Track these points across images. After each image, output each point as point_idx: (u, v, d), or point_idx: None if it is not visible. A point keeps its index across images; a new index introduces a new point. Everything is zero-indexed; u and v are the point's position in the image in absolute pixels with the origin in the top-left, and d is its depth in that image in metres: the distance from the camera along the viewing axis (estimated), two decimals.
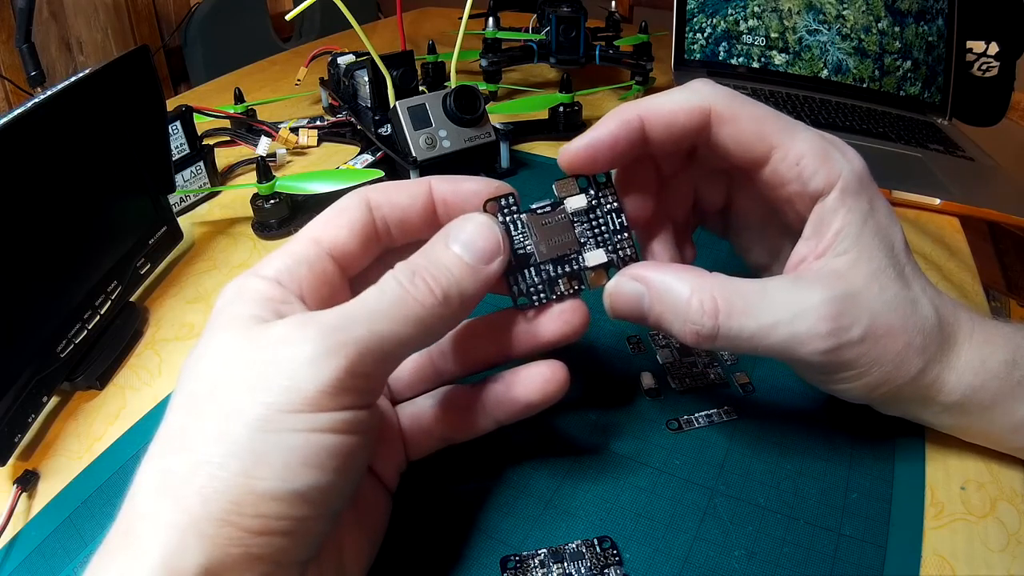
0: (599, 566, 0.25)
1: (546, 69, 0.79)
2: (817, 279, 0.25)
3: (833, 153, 0.26)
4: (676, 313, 0.25)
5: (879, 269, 0.25)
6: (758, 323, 0.24)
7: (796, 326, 0.24)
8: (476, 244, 0.23)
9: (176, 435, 0.19)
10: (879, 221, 0.26)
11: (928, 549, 0.26)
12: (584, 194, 0.27)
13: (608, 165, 0.27)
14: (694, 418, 0.31)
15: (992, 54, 0.69)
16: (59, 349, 0.33)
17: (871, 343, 0.24)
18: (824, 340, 0.24)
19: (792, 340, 0.24)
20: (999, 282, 0.95)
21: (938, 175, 0.58)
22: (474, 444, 0.30)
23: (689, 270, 0.26)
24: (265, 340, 0.20)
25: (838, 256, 0.25)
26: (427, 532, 0.27)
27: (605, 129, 0.26)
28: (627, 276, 0.26)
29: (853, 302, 0.24)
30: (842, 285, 0.25)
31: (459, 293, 0.23)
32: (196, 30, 1.40)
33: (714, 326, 0.24)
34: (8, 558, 0.27)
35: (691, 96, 0.26)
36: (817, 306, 0.24)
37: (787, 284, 0.25)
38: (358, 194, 0.25)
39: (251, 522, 0.18)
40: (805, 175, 0.25)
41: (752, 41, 0.74)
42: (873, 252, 0.25)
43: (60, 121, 0.33)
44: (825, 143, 0.26)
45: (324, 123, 0.63)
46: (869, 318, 0.24)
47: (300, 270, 0.23)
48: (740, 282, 0.25)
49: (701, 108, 0.26)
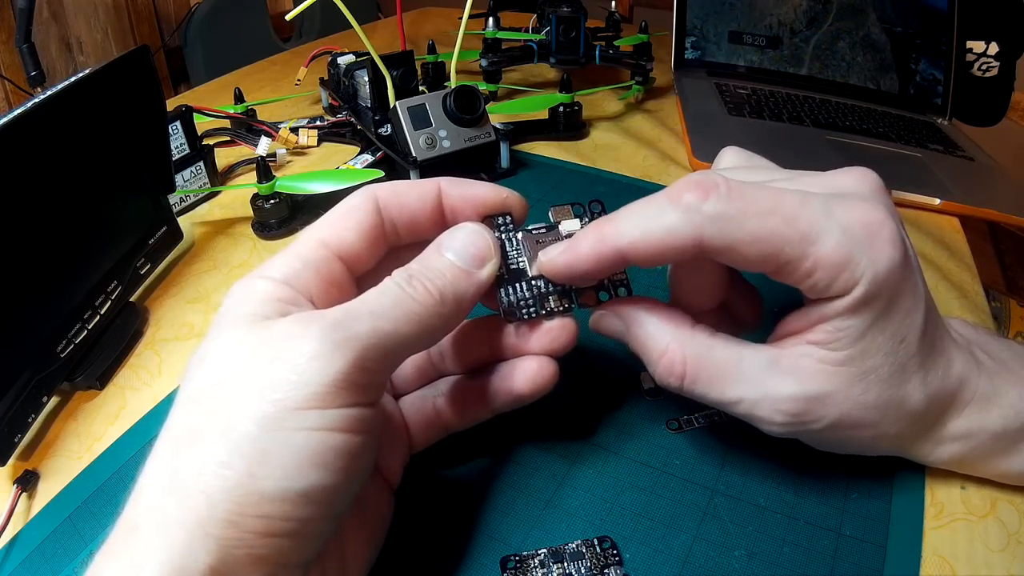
0: (599, 566, 0.25)
1: (546, 69, 0.79)
2: (794, 369, 0.24)
3: (856, 257, 0.22)
4: (648, 360, 0.26)
5: (869, 370, 0.23)
6: (721, 395, 0.25)
7: (756, 408, 0.24)
8: (468, 250, 0.24)
9: (182, 433, 0.19)
10: (894, 318, 0.23)
11: (928, 549, 0.26)
12: (579, 219, 0.28)
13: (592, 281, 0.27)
14: (694, 418, 0.31)
15: (992, 54, 0.69)
16: (59, 349, 0.33)
17: (835, 431, 0.24)
18: (778, 428, 0.25)
19: (751, 417, 0.25)
20: (999, 282, 0.96)
21: (938, 175, 0.58)
22: (474, 444, 0.30)
23: (673, 321, 0.25)
24: (271, 337, 0.20)
25: (829, 351, 0.24)
26: (427, 532, 0.27)
27: (580, 262, 0.24)
28: (612, 311, 0.26)
29: (822, 402, 0.24)
30: (817, 384, 0.24)
31: (454, 294, 0.23)
32: (196, 30, 1.40)
33: (679, 387, 0.25)
34: (8, 558, 0.27)
35: (678, 226, 0.22)
36: (782, 399, 0.24)
37: (763, 365, 0.24)
38: (366, 193, 0.25)
39: (256, 523, 0.18)
40: (818, 287, 0.23)
41: (752, 41, 0.74)
42: (868, 355, 0.23)
43: (60, 121, 0.33)
44: (849, 249, 0.22)
45: (324, 123, 0.63)
46: (837, 415, 0.24)
47: (307, 272, 0.23)
48: (717, 349, 0.25)
49: (692, 244, 0.22)
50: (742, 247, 0.22)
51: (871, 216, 0.22)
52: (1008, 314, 0.90)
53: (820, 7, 0.72)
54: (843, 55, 0.73)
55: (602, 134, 0.64)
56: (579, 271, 0.25)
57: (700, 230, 0.22)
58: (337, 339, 0.20)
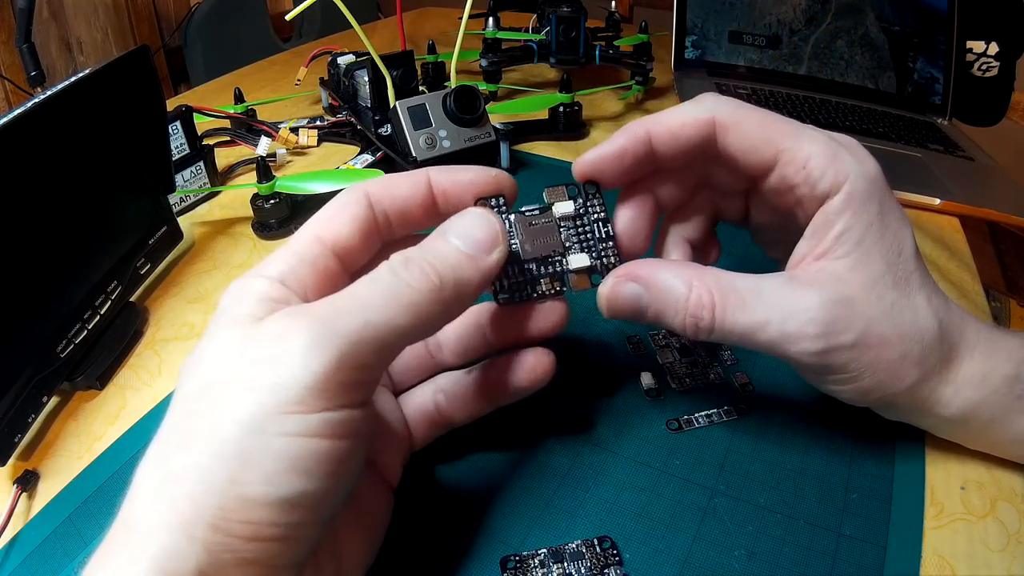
0: (599, 566, 0.25)
1: (546, 69, 0.79)
2: (812, 281, 0.25)
3: (842, 154, 0.25)
4: (676, 309, 0.25)
5: (878, 276, 0.25)
6: (750, 319, 0.25)
7: (787, 326, 0.24)
8: (474, 235, 0.23)
9: (171, 435, 0.19)
10: (887, 225, 0.25)
11: (928, 549, 0.26)
12: (572, 201, 0.28)
13: (616, 175, 0.28)
14: (694, 418, 0.31)
15: (992, 54, 0.69)
16: (59, 349, 0.33)
17: (863, 349, 0.24)
18: (813, 342, 0.24)
19: (782, 339, 0.25)
20: (999, 282, 0.95)
21: (938, 175, 0.58)
22: (475, 444, 0.30)
23: (684, 266, 0.26)
24: (257, 337, 0.20)
25: (837, 259, 0.25)
26: (427, 531, 0.27)
27: (613, 143, 0.27)
28: (623, 277, 0.26)
29: (846, 308, 0.24)
30: (837, 289, 0.24)
31: (455, 280, 0.22)
32: (196, 30, 1.40)
33: (711, 319, 0.25)
34: (8, 558, 0.27)
35: (696, 108, 0.27)
36: (808, 308, 0.24)
37: (781, 284, 0.25)
38: (357, 189, 0.25)
39: (240, 528, 0.18)
40: (812, 177, 0.25)
41: (752, 41, 0.74)
42: (874, 258, 0.25)
43: (60, 121, 0.33)
44: (834, 144, 0.26)
45: (324, 123, 0.63)
46: (863, 325, 0.24)
47: (303, 269, 0.23)
48: (735, 277, 0.25)
49: (706, 119, 0.26)
50: (747, 126, 0.26)
51: (847, 137, 0.27)
52: (1008, 314, 0.90)
53: (819, 6, 0.72)
54: (842, 54, 0.73)
55: (602, 134, 0.64)
56: (610, 156, 0.27)
57: (715, 108, 0.26)
58: (320, 337, 0.19)
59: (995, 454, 0.29)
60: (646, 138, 0.27)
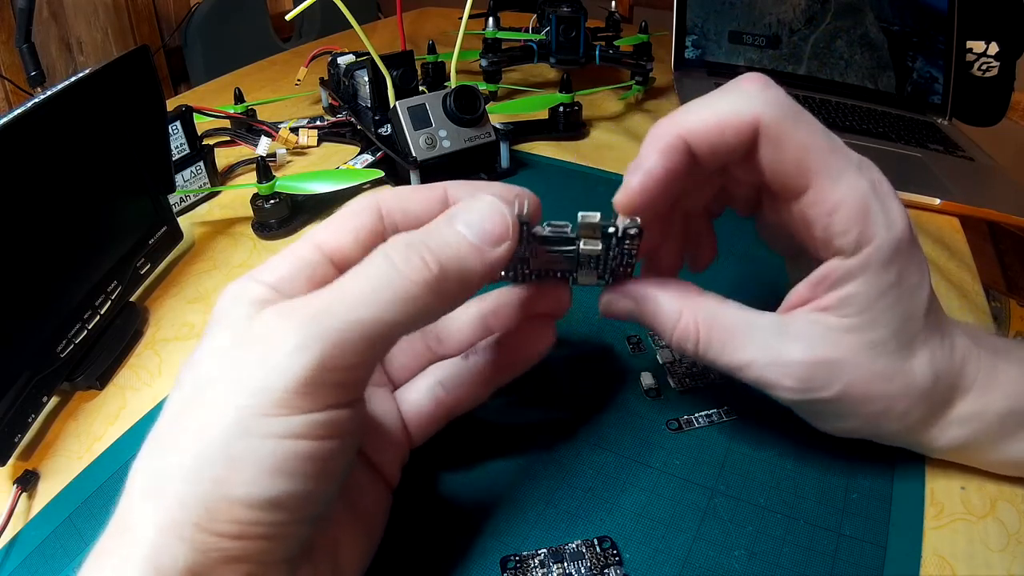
0: (599, 566, 0.25)
1: (546, 69, 0.79)
2: (800, 335, 0.24)
3: (874, 213, 0.23)
4: (663, 332, 0.26)
5: (878, 341, 0.24)
6: (732, 359, 0.25)
7: (766, 372, 0.25)
8: (483, 225, 0.22)
9: (162, 436, 0.20)
10: (902, 291, 0.24)
11: (928, 549, 0.26)
12: (602, 242, 0.25)
13: (666, 200, 0.25)
14: (694, 418, 0.31)
15: (992, 54, 0.69)
16: (59, 349, 0.33)
17: (844, 402, 0.25)
18: (788, 392, 0.25)
19: (762, 382, 0.25)
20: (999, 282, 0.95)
21: (938, 175, 0.58)
22: (475, 444, 0.30)
23: (682, 291, 0.26)
24: (245, 337, 0.20)
25: (839, 319, 0.24)
26: (427, 532, 0.27)
27: (653, 163, 0.24)
28: (619, 293, 0.27)
29: (830, 369, 0.24)
30: (824, 349, 0.24)
31: (459, 270, 0.21)
32: (196, 30, 1.40)
33: (694, 351, 0.26)
34: (8, 558, 0.27)
35: (739, 108, 0.23)
36: (788, 364, 0.24)
37: (771, 330, 0.25)
38: (370, 199, 0.24)
39: (227, 527, 0.18)
40: (834, 230, 0.23)
41: (752, 41, 0.74)
42: (879, 325, 0.24)
43: (60, 121, 0.33)
44: (869, 198, 0.23)
45: (324, 123, 0.63)
46: (845, 383, 0.24)
47: (300, 276, 0.22)
48: (728, 312, 0.26)
49: (750, 122, 0.23)
50: (788, 146, 0.23)
51: (886, 183, 0.24)
52: (1008, 314, 0.90)
53: (818, 6, 0.72)
54: (841, 54, 0.73)
55: (602, 134, 0.64)
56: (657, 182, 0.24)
57: (759, 112, 0.23)
58: (305, 338, 0.18)
59: (991, 471, 0.29)
60: (684, 148, 0.24)
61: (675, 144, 0.24)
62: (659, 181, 0.24)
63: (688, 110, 0.24)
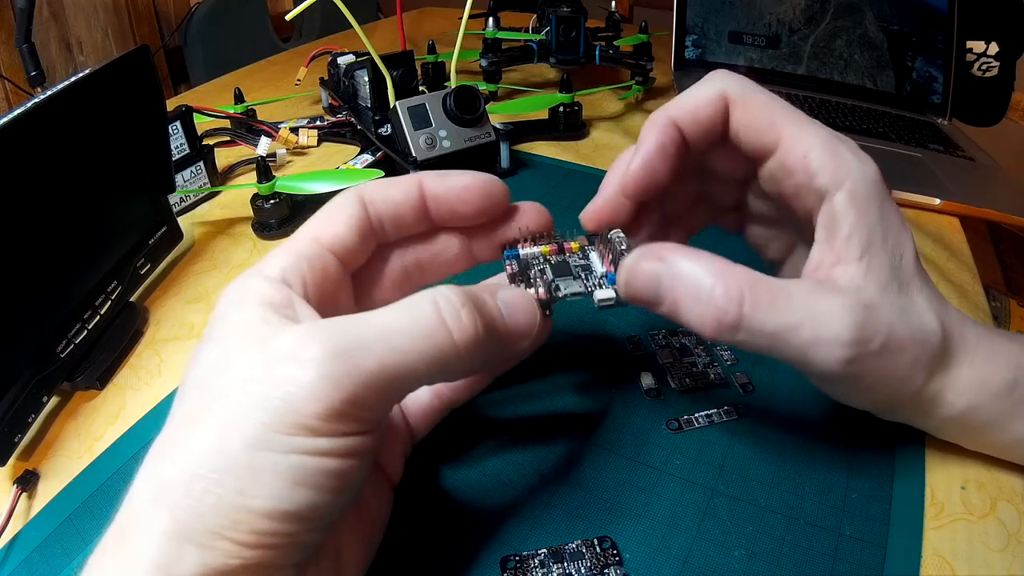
0: (599, 566, 0.25)
1: (546, 69, 0.79)
2: (837, 287, 0.24)
3: (844, 151, 0.25)
4: (697, 298, 0.23)
5: (887, 280, 0.24)
6: (783, 320, 0.23)
7: (820, 330, 0.23)
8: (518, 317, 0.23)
9: (174, 443, 0.19)
10: (888, 229, 0.25)
11: (928, 549, 0.26)
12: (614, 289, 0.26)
13: (665, 177, 0.27)
14: (694, 418, 0.31)
15: (992, 54, 0.69)
16: (59, 349, 0.33)
17: (885, 357, 0.24)
18: (845, 349, 0.23)
19: (814, 344, 0.23)
20: (999, 282, 0.96)
21: (938, 175, 0.58)
22: (475, 444, 0.30)
23: (713, 257, 0.24)
24: (270, 353, 0.19)
25: (852, 264, 0.24)
26: (427, 532, 0.27)
27: (651, 142, 0.27)
28: (648, 255, 0.24)
29: (872, 314, 0.24)
30: (860, 296, 0.24)
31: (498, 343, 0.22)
32: (196, 30, 1.40)
33: (738, 315, 0.22)
34: (8, 558, 0.27)
35: (707, 87, 0.27)
36: (841, 315, 0.23)
37: (810, 287, 0.24)
38: (352, 191, 0.25)
39: (245, 537, 0.18)
40: (812, 168, 0.25)
41: (752, 41, 0.74)
42: (882, 263, 0.24)
43: (60, 121, 0.33)
44: (836, 140, 0.26)
45: (324, 123, 0.63)
46: (886, 331, 0.24)
47: (302, 268, 0.23)
48: (766, 277, 0.24)
49: (718, 95, 0.27)
50: (754, 106, 0.26)
51: (843, 136, 0.26)
52: (1008, 314, 0.90)
53: (818, 6, 0.72)
54: (840, 53, 0.73)
55: (602, 134, 0.64)
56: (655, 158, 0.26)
57: (724, 85, 0.27)
58: (334, 372, 0.18)
59: (993, 455, 0.29)
60: (674, 126, 0.27)
61: (664, 123, 0.27)
62: (654, 156, 0.27)
63: (672, 100, 0.28)
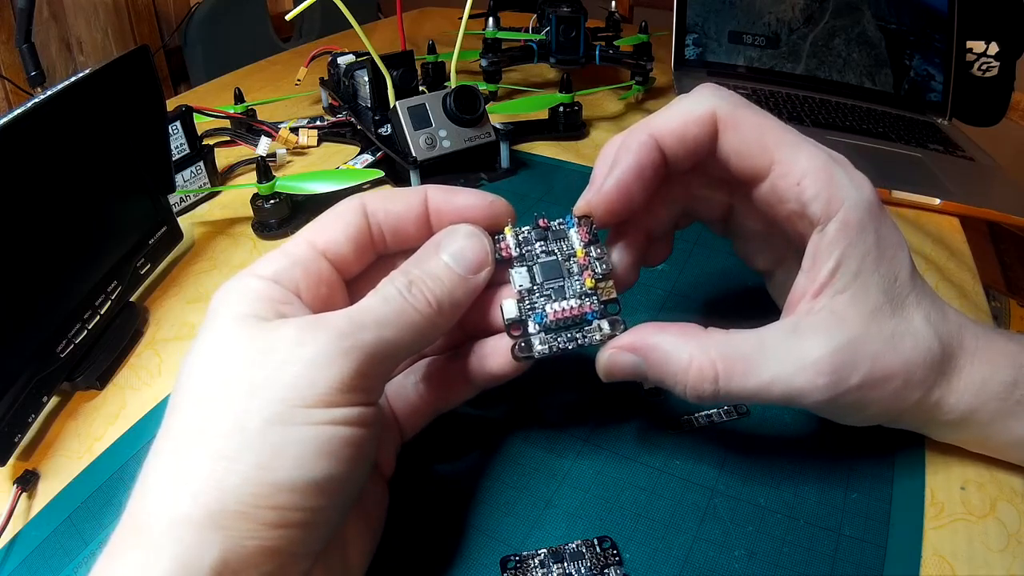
0: (599, 566, 0.25)
1: (546, 69, 0.79)
2: (816, 325, 0.24)
3: (839, 177, 0.24)
4: (676, 379, 0.25)
5: (876, 307, 0.24)
6: (757, 382, 0.24)
7: (794, 381, 0.24)
8: (465, 255, 0.25)
9: (188, 432, 0.20)
10: (883, 253, 0.25)
11: (928, 549, 0.26)
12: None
13: (641, 199, 0.26)
14: (694, 418, 0.31)
15: (992, 54, 0.69)
16: (59, 349, 0.33)
17: (869, 388, 0.24)
18: (821, 392, 0.24)
19: (790, 393, 0.24)
20: (999, 282, 0.96)
21: (938, 175, 0.58)
22: (474, 444, 0.30)
23: (685, 332, 0.25)
24: (276, 340, 0.20)
25: (836, 295, 0.24)
26: (427, 532, 0.27)
27: (628, 163, 0.26)
28: (621, 348, 0.26)
29: (852, 350, 0.24)
30: (841, 331, 0.24)
31: (451, 303, 0.24)
32: (196, 30, 1.40)
33: (714, 389, 0.24)
34: (8, 558, 0.27)
35: (696, 104, 0.26)
36: (816, 361, 0.24)
37: (785, 335, 0.25)
38: (355, 200, 0.26)
39: (268, 514, 0.18)
40: (805, 197, 0.24)
41: (752, 41, 0.74)
42: (871, 290, 0.24)
43: (60, 121, 0.33)
44: (831, 164, 0.25)
45: (324, 123, 0.63)
46: (868, 364, 0.24)
47: (296, 270, 0.23)
48: (738, 339, 0.25)
49: (708, 115, 0.25)
50: (745, 128, 0.25)
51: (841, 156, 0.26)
52: (1008, 314, 0.90)
53: (817, 5, 0.72)
54: (839, 52, 0.73)
55: (602, 134, 0.64)
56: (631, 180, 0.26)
57: (714, 104, 0.25)
58: (344, 347, 0.20)
59: (993, 456, 0.29)
60: (655, 146, 0.26)
61: (644, 142, 0.26)
62: (630, 179, 0.26)
63: (654, 115, 0.27)
